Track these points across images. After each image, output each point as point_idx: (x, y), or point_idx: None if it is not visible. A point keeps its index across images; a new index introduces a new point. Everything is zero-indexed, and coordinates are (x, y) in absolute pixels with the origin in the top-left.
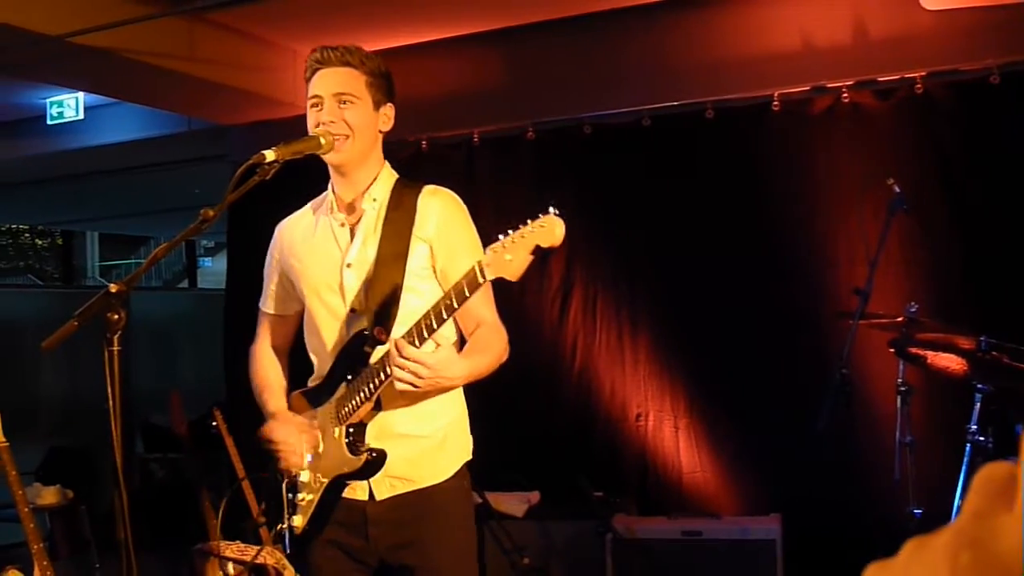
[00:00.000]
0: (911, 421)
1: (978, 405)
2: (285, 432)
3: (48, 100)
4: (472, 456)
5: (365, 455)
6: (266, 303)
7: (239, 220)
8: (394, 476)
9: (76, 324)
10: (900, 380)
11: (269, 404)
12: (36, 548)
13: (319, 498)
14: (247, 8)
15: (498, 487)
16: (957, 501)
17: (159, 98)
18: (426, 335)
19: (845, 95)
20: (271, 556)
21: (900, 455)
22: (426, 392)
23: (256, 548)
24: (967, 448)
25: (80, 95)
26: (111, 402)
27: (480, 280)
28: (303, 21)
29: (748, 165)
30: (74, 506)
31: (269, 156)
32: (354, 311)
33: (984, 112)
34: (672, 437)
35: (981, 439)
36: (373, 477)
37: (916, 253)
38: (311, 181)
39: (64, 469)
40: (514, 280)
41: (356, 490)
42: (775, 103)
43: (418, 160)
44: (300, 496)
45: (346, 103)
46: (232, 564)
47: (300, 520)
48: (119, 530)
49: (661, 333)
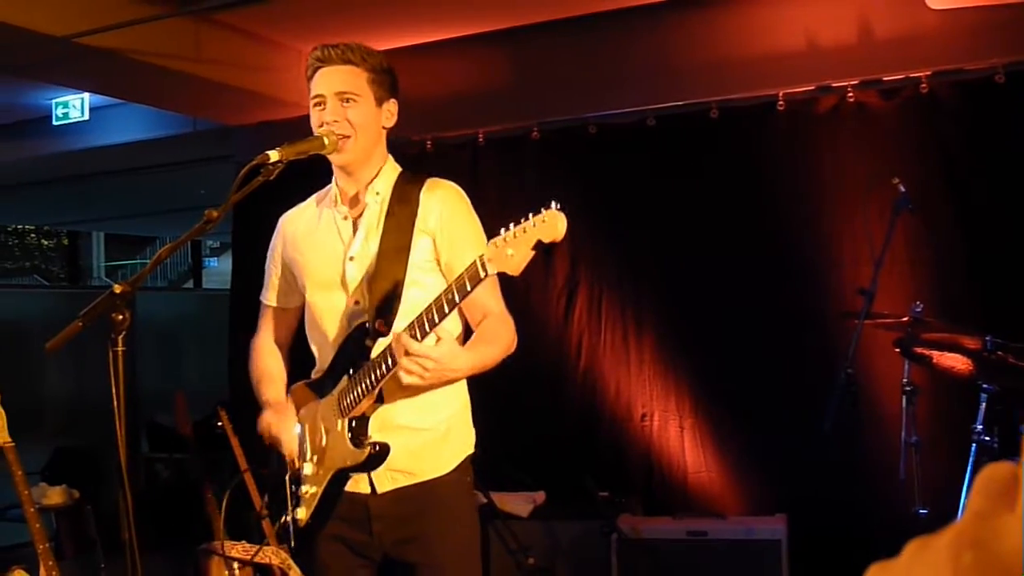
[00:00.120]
0: (916, 421)
1: (983, 405)
2: (281, 421)
3: (53, 101)
4: (476, 449)
5: (368, 448)
6: (267, 296)
7: (244, 220)
8: (396, 469)
9: (81, 325)
10: (905, 380)
11: (264, 394)
12: (42, 548)
13: (322, 491)
14: (253, 9)
15: (503, 487)
16: (963, 501)
17: (164, 99)
18: (428, 329)
19: (850, 95)
20: (276, 556)
21: (905, 455)
22: (429, 385)
23: (260, 548)
24: (972, 448)
25: (85, 96)
26: (116, 402)
27: (482, 275)
28: (308, 22)
29: (753, 165)
30: (80, 506)
31: (273, 156)
32: (356, 304)
33: (989, 111)
34: (677, 437)
35: (987, 439)
36: (376, 470)
37: (921, 253)
38: (315, 181)
39: (70, 469)
40: (515, 275)
41: (358, 483)
42: (780, 103)
43: (423, 160)
44: (304, 489)
45: (348, 101)
46: (237, 564)
47: (304, 513)
48: (124, 530)
49: (666, 333)
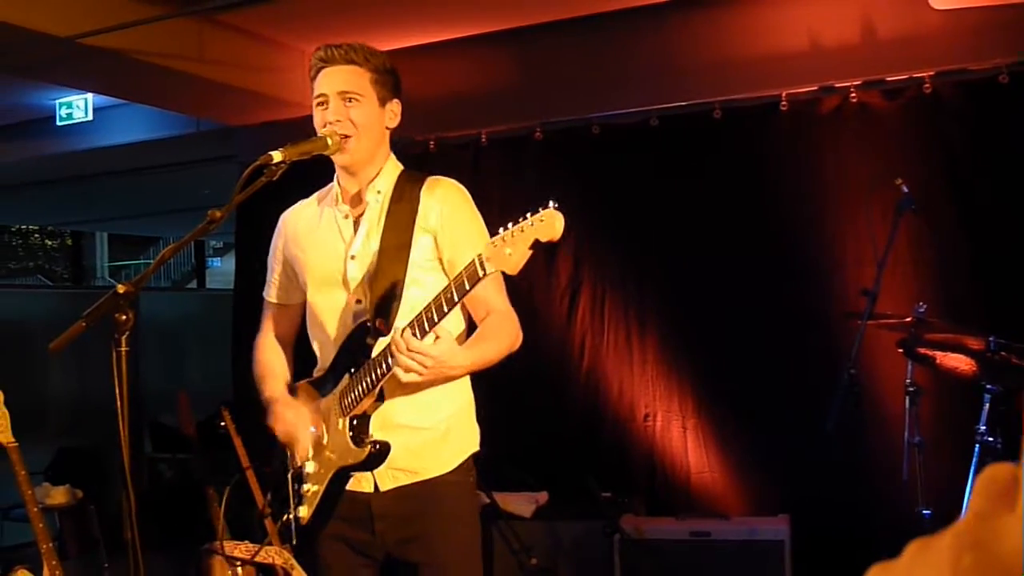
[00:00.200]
0: (920, 422)
1: (987, 406)
2: (298, 418)
3: (57, 101)
4: (480, 448)
5: (369, 447)
6: (270, 292)
7: (247, 220)
8: (397, 468)
9: (84, 325)
10: (909, 380)
11: (266, 391)
12: (45, 548)
13: (324, 489)
14: (256, 9)
15: (506, 487)
16: (966, 502)
17: (168, 99)
18: (427, 327)
19: (853, 95)
20: (279, 556)
21: (909, 456)
22: (429, 383)
23: (263, 548)
24: (976, 449)
25: (89, 96)
26: (119, 402)
27: (480, 274)
28: (311, 22)
29: (756, 165)
30: (83, 506)
31: (276, 157)
32: (357, 303)
33: (993, 111)
34: (680, 437)
35: (990, 440)
36: (377, 469)
37: (924, 253)
38: (318, 181)
39: (73, 469)
40: (513, 274)
41: (360, 482)
42: (783, 103)
43: (426, 160)
44: (306, 487)
45: (351, 101)
46: (240, 564)
47: (306, 511)
48: (127, 530)
49: (669, 333)
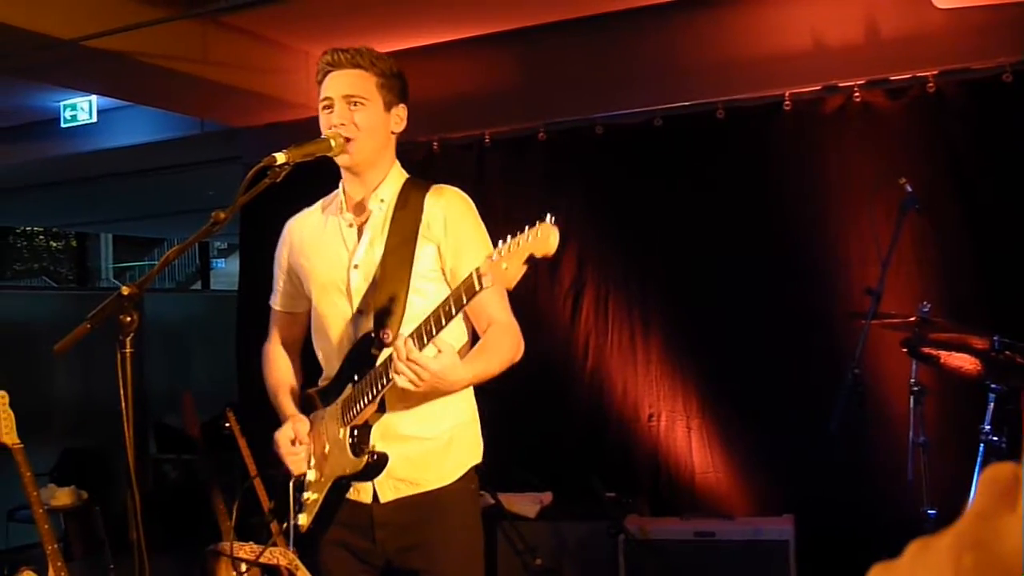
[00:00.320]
0: (924, 421)
1: (992, 405)
2: (289, 440)
3: (61, 103)
4: (482, 460)
5: (367, 457)
6: (276, 300)
7: (252, 221)
8: (398, 478)
9: (89, 326)
10: (913, 380)
11: (286, 407)
12: (51, 549)
13: (323, 498)
14: (260, 11)
15: (510, 488)
16: (971, 502)
17: (172, 101)
18: (426, 340)
19: (857, 94)
20: (284, 557)
21: (913, 455)
22: (429, 395)
23: (268, 549)
24: (981, 448)
25: (93, 98)
26: (124, 404)
27: (477, 288)
28: (315, 23)
29: (759, 165)
30: (88, 507)
31: (280, 159)
32: (360, 312)
33: (996, 111)
34: (684, 437)
35: (995, 439)
36: (376, 479)
37: (928, 252)
38: (323, 182)
39: (78, 470)
40: (509, 288)
41: (360, 492)
42: (786, 103)
43: (429, 161)
44: (306, 495)
45: (356, 105)
46: (245, 565)
47: (305, 519)
48: (132, 531)
49: (673, 333)
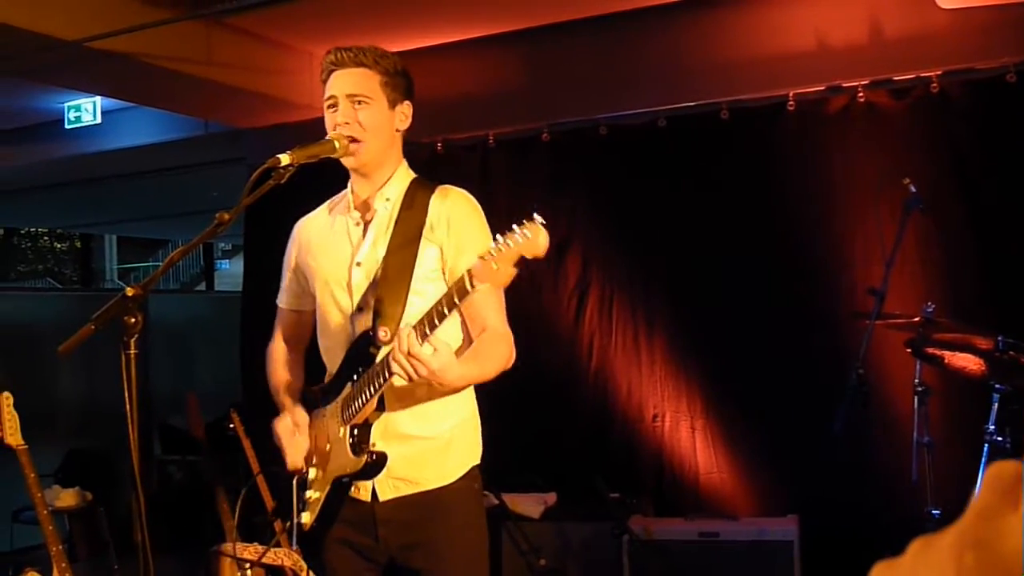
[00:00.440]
0: (928, 421)
1: (996, 405)
2: (289, 430)
3: (65, 104)
4: (481, 460)
5: (366, 456)
6: (282, 298)
7: (256, 222)
8: (397, 477)
9: (93, 328)
10: (917, 380)
11: (286, 403)
12: (55, 550)
13: (325, 496)
14: (264, 12)
15: (515, 488)
16: None
17: (176, 102)
18: (420, 341)
19: (860, 95)
20: (288, 558)
21: (918, 456)
22: (430, 394)
23: (272, 550)
24: (985, 448)
25: (97, 99)
26: (128, 405)
27: (468, 289)
28: (319, 24)
29: (763, 165)
30: (93, 508)
31: (284, 160)
32: (360, 310)
33: (1000, 111)
34: (689, 438)
35: (999, 439)
36: (375, 478)
37: (932, 252)
38: (328, 183)
39: (83, 471)
40: (500, 289)
41: (361, 490)
42: (790, 103)
43: (433, 162)
44: (308, 494)
45: (360, 104)
46: (249, 565)
47: (308, 517)
48: (137, 532)
49: (677, 334)
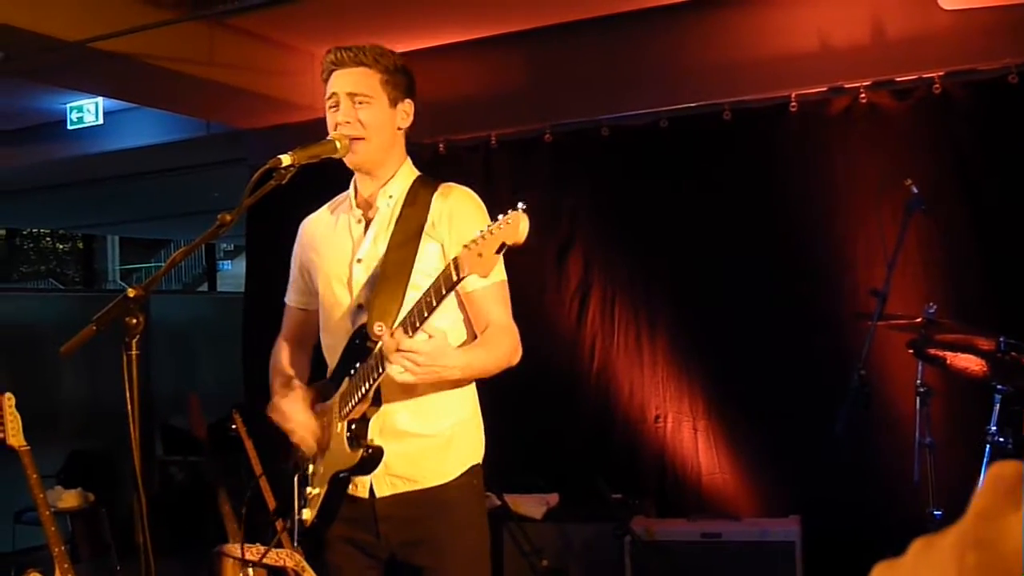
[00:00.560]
0: (930, 422)
1: (997, 406)
2: (292, 408)
3: (68, 105)
4: (483, 460)
5: (361, 451)
6: (289, 296)
7: (258, 223)
8: (395, 474)
9: (95, 328)
10: (919, 381)
11: (274, 387)
12: (57, 551)
13: (325, 492)
14: (266, 13)
15: (516, 489)
16: None
17: (178, 102)
18: (411, 333)
19: (863, 95)
20: (290, 558)
21: (920, 457)
22: (427, 386)
23: (274, 550)
24: (987, 449)
25: (99, 100)
26: (130, 406)
27: (454, 277)
28: (321, 25)
29: (765, 166)
30: (95, 509)
31: (285, 160)
32: (360, 306)
33: (1002, 112)
34: (691, 439)
35: (1001, 440)
36: (372, 474)
37: (934, 253)
38: (330, 183)
39: (85, 472)
40: (484, 277)
41: (359, 487)
42: (792, 104)
43: (436, 162)
44: (309, 489)
45: (361, 103)
46: (252, 566)
47: (309, 514)
48: (139, 533)
49: (679, 334)
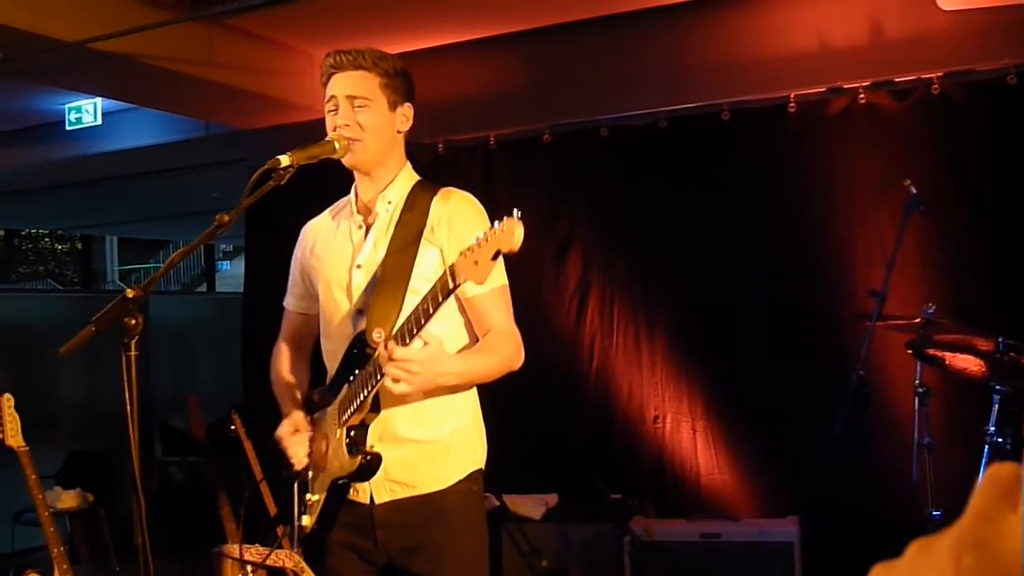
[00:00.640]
0: (929, 423)
1: (996, 407)
2: (289, 432)
3: (66, 106)
4: (484, 466)
5: (360, 457)
6: (288, 300)
7: (257, 224)
8: (394, 480)
9: (94, 329)
10: (918, 382)
11: (286, 409)
12: (56, 552)
13: (324, 499)
14: (265, 13)
15: (516, 489)
16: None
17: (177, 103)
18: (408, 340)
19: (861, 96)
20: (290, 559)
21: (918, 457)
22: (426, 395)
23: (274, 551)
24: (985, 450)
25: (98, 100)
26: (129, 406)
27: (451, 285)
28: (320, 25)
29: (764, 167)
30: (94, 510)
31: (284, 161)
32: (359, 312)
33: (1001, 112)
34: (690, 439)
35: (999, 441)
36: (371, 480)
37: (933, 254)
38: (329, 184)
39: (84, 473)
40: (479, 284)
41: (358, 492)
42: (791, 104)
43: (435, 163)
44: (308, 496)
45: (360, 106)
46: (251, 567)
47: (308, 520)
48: (138, 534)
49: (678, 335)
